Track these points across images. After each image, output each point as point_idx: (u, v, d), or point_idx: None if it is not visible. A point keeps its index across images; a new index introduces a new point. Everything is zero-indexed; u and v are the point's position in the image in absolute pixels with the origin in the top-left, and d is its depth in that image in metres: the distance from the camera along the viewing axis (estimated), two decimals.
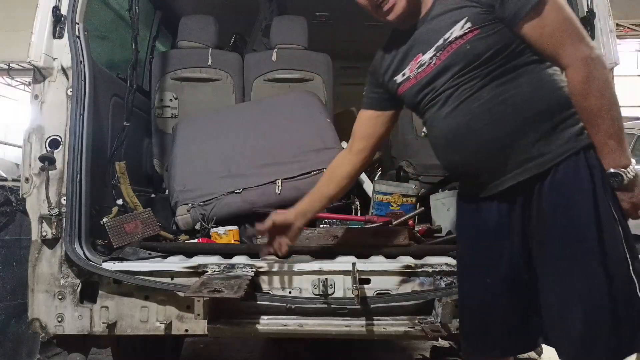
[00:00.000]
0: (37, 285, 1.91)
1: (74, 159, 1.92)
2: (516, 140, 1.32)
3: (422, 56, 1.41)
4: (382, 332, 1.79)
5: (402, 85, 1.49)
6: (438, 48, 1.37)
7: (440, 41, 1.36)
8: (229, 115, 2.75)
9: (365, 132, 1.70)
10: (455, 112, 1.37)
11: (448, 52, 1.35)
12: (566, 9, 1.31)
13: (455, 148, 1.41)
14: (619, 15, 8.96)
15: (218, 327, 1.79)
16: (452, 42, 1.34)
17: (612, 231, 1.27)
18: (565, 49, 1.28)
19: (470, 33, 1.32)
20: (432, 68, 1.39)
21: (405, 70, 1.47)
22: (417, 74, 1.43)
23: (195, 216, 2.37)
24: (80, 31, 2.01)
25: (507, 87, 1.32)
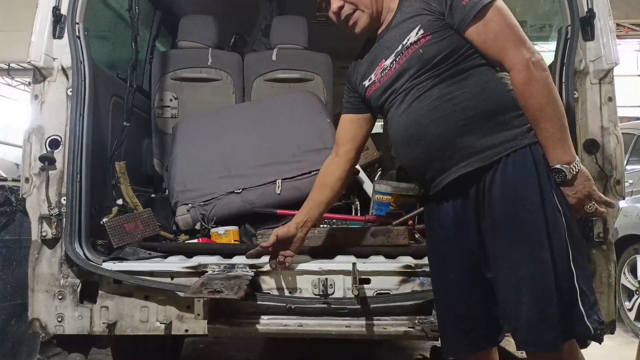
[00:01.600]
0: (37, 285, 1.92)
1: (74, 159, 1.92)
2: (460, 137, 1.41)
3: (385, 61, 1.53)
4: (382, 332, 1.79)
5: (369, 89, 1.60)
6: (397, 53, 1.49)
7: (399, 47, 1.48)
8: (229, 115, 2.75)
9: (347, 136, 1.78)
10: (408, 109, 1.48)
11: (405, 56, 1.47)
12: (508, 16, 1.40)
13: (407, 144, 1.51)
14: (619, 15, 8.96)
15: (218, 327, 1.79)
16: (408, 48, 1.46)
17: (555, 221, 1.33)
18: (508, 53, 1.38)
19: (423, 39, 1.43)
20: (393, 72, 1.50)
21: (371, 76, 1.58)
22: (380, 78, 1.55)
23: (195, 216, 2.37)
24: (80, 31, 2.01)
25: (456, 87, 1.42)
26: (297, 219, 1.82)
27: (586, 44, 1.97)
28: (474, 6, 1.39)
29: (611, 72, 1.97)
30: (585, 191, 1.37)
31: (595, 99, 1.97)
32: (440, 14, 1.43)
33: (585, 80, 1.97)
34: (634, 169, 4.82)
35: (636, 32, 11.32)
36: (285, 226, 1.80)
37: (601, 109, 1.97)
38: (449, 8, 1.42)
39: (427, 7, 1.45)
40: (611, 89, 1.97)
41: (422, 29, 1.44)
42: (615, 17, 2.05)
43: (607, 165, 1.92)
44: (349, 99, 1.76)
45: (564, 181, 1.36)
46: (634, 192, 4.63)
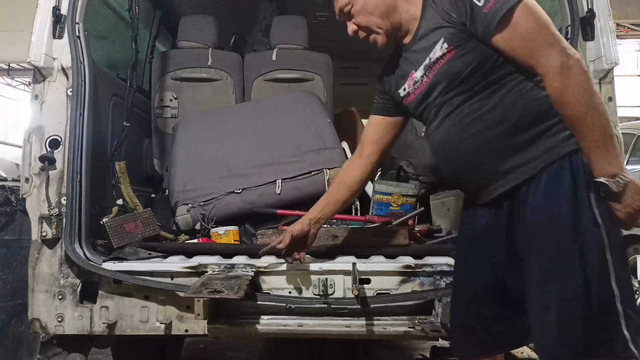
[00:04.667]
0: (37, 285, 1.91)
1: (74, 159, 1.92)
2: (495, 154, 1.35)
3: (415, 73, 1.48)
4: (382, 332, 1.79)
5: (405, 99, 1.56)
6: (426, 67, 1.43)
7: (427, 60, 1.42)
8: (229, 115, 2.75)
9: (374, 137, 1.73)
10: (441, 126, 1.44)
11: (433, 71, 1.41)
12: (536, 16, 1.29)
13: (443, 160, 1.49)
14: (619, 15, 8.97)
15: (218, 327, 1.79)
16: (435, 62, 1.40)
17: (592, 238, 1.25)
18: (539, 58, 1.27)
19: (448, 53, 1.37)
20: (424, 86, 1.46)
21: (405, 86, 1.54)
22: (414, 90, 1.50)
23: (195, 216, 2.37)
24: (80, 31, 2.01)
25: (487, 101, 1.35)
26: (310, 215, 1.80)
27: (586, 44, 1.98)
28: (495, 13, 1.28)
29: (611, 72, 1.97)
30: (635, 205, 1.25)
31: None
32: (462, 24, 1.35)
33: None
34: (634, 169, 4.83)
35: (636, 32, 11.33)
36: (298, 223, 1.79)
37: None
38: (470, 18, 1.33)
39: (447, 17, 1.37)
40: (611, 89, 1.98)
41: (446, 42, 1.37)
42: (615, 17, 2.05)
43: None
44: (380, 100, 1.71)
45: (609, 195, 1.25)
46: None
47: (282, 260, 1.92)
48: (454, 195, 2.64)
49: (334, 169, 2.43)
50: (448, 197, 2.64)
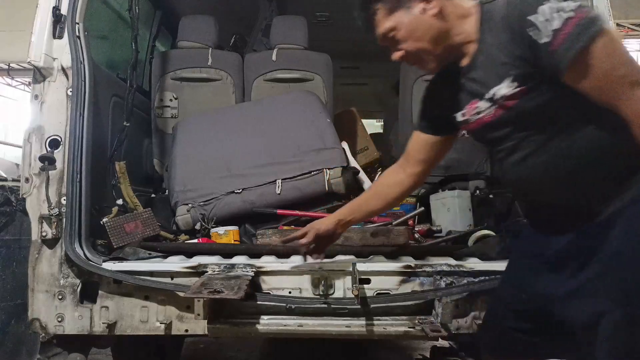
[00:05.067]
0: (37, 285, 1.91)
1: (74, 159, 1.92)
2: (584, 195, 1.26)
3: (477, 103, 1.34)
4: (382, 332, 1.79)
5: (464, 125, 1.45)
6: (490, 101, 1.30)
7: (491, 93, 1.29)
8: (229, 115, 2.75)
9: (421, 157, 1.63)
10: (523, 164, 1.32)
11: (502, 108, 1.28)
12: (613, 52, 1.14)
13: (523, 197, 1.43)
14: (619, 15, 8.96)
15: (218, 327, 1.79)
16: (504, 100, 1.26)
17: None
18: (620, 102, 1.13)
19: (520, 93, 1.23)
20: (490, 119, 1.33)
21: (463, 111, 1.41)
22: (476, 120, 1.37)
23: (195, 216, 2.37)
24: (80, 31, 2.01)
25: (570, 142, 1.23)
26: (340, 216, 1.76)
27: None
28: (564, 54, 1.12)
29: None
30: None
31: None
32: (527, 61, 1.20)
33: None
34: None
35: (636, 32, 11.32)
36: (325, 223, 1.75)
37: None
38: (534, 56, 1.18)
39: (509, 53, 1.23)
40: None
41: (516, 81, 1.23)
42: (615, 17, 2.05)
43: None
44: (430, 118, 1.58)
45: None
46: None
47: (282, 260, 1.92)
48: (454, 195, 2.64)
49: (334, 169, 2.43)
50: (448, 197, 2.64)
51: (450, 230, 2.43)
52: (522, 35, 1.18)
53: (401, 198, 1.74)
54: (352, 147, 3.07)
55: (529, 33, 1.16)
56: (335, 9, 3.90)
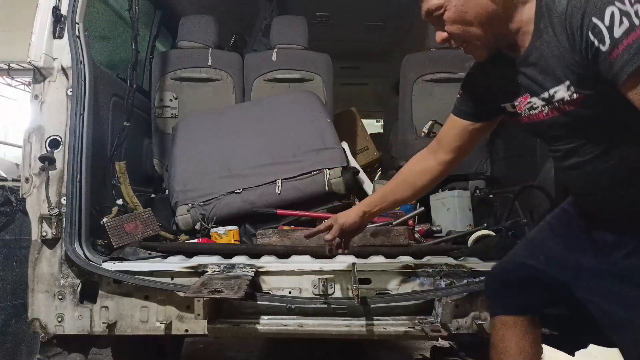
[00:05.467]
0: (37, 285, 1.91)
1: (74, 159, 1.92)
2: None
3: (530, 99, 1.28)
4: (382, 332, 1.79)
5: (513, 117, 1.39)
6: (546, 101, 1.24)
7: (547, 94, 1.23)
8: (228, 115, 2.75)
9: (455, 144, 1.55)
10: (579, 169, 1.28)
11: (559, 111, 1.22)
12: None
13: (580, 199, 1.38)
14: None
15: (218, 327, 1.79)
16: (561, 104, 1.21)
17: None
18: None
19: (578, 99, 1.17)
20: (545, 118, 1.27)
21: (514, 103, 1.34)
22: (529, 115, 1.31)
23: (195, 216, 2.37)
24: (80, 31, 2.01)
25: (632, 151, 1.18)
26: (365, 208, 1.69)
27: None
28: (623, 67, 1.05)
29: None
30: None
31: None
32: (584, 65, 1.13)
33: None
34: None
35: None
36: (350, 216, 1.69)
37: None
38: (592, 62, 1.11)
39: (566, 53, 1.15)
40: None
41: (573, 85, 1.16)
42: None
43: None
44: (473, 104, 1.49)
45: None
46: None
47: (282, 260, 1.92)
48: (454, 195, 2.64)
49: (334, 169, 2.43)
50: (448, 197, 2.64)
51: (450, 230, 2.43)
52: (583, 38, 1.10)
53: (430, 187, 1.66)
54: (352, 147, 3.07)
55: (590, 37, 1.08)
56: (335, 9, 3.90)
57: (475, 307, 1.84)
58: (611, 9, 1.04)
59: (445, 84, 2.90)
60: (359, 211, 1.70)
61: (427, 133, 2.91)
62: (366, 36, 4.38)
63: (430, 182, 1.64)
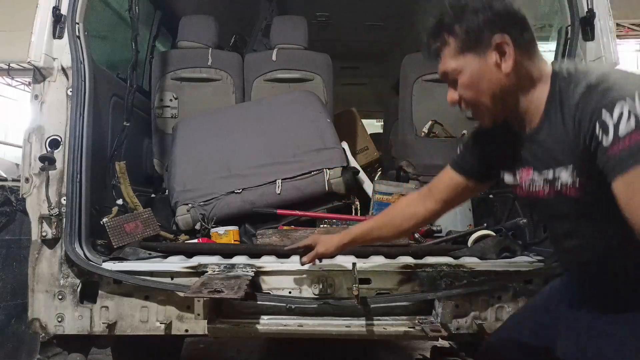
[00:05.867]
0: (37, 285, 1.91)
1: (74, 159, 1.92)
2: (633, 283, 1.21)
3: (532, 174, 1.29)
4: (382, 332, 1.79)
5: (513, 187, 1.39)
6: (548, 180, 1.24)
7: (550, 174, 1.23)
8: (229, 115, 2.75)
9: (446, 197, 1.56)
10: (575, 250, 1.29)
11: (560, 193, 1.22)
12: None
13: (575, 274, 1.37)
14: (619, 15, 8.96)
15: (218, 327, 1.79)
16: (563, 186, 1.20)
17: None
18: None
19: (580, 185, 1.17)
20: (545, 195, 1.27)
21: (515, 173, 1.35)
22: (528, 188, 1.32)
23: (195, 216, 2.37)
24: (80, 31, 2.01)
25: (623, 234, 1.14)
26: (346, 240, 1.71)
27: (586, 44, 1.98)
28: (616, 165, 1.05)
29: None
30: None
31: None
32: (587, 155, 1.13)
33: None
34: None
35: (636, 32, 11.33)
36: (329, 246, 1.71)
37: None
38: (592, 152, 1.11)
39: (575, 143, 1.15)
40: None
41: (576, 171, 1.17)
42: (615, 17, 2.05)
43: None
44: (469, 162, 1.50)
45: None
46: None
47: (282, 260, 1.92)
48: None
49: (334, 169, 2.43)
50: None
51: (450, 230, 2.43)
52: (589, 130, 1.10)
53: (413, 230, 1.71)
54: (352, 147, 3.07)
55: (596, 129, 1.08)
56: (335, 9, 3.90)
57: (475, 307, 1.85)
58: (621, 105, 1.04)
59: (445, 84, 2.89)
60: (340, 243, 1.71)
61: (427, 133, 2.91)
62: (366, 36, 4.38)
63: (415, 227, 1.68)
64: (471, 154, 1.49)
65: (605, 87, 1.09)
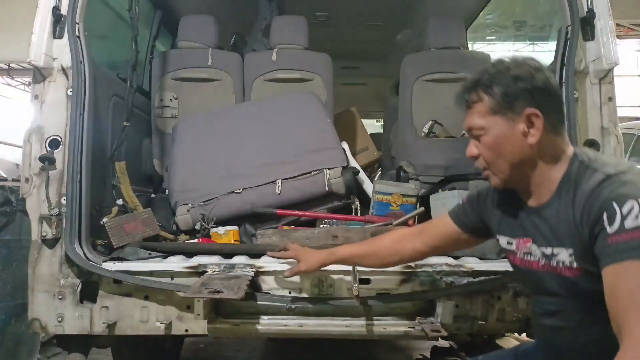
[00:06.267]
0: (37, 285, 1.91)
1: (74, 159, 1.92)
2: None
3: (530, 245, 1.31)
4: (382, 332, 1.79)
5: (507, 252, 1.41)
6: (546, 256, 1.26)
7: (549, 250, 1.25)
8: (228, 115, 2.75)
9: (437, 244, 1.57)
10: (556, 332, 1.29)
11: (555, 271, 1.24)
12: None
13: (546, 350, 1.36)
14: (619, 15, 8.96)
15: (218, 327, 1.79)
16: (560, 265, 1.22)
17: None
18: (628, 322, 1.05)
19: (577, 269, 1.19)
20: (539, 268, 1.29)
21: (512, 242, 1.37)
22: (523, 257, 1.34)
23: (195, 216, 2.37)
24: (80, 31, 2.01)
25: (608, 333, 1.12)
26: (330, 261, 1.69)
27: (586, 44, 1.98)
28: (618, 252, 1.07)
29: (611, 72, 1.98)
30: None
31: (595, 99, 1.97)
32: (589, 239, 1.14)
33: (585, 80, 1.98)
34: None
35: (636, 32, 11.33)
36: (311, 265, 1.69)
37: (601, 109, 1.97)
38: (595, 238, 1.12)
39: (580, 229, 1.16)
40: (611, 89, 1.98)
41: (575, 255, 1.18)
42: (615, 17, 2.05)
43: None
44: (469, 216, 1.50)
45: None
46: None
47: (282, 261, 1.92)
48: (454, 195, 2.64)
49: (334, 169, 2.43)
50: (448, 197, 2.64)
51: None
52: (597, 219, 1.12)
53: (396, 265, 1.71)
54: (352, 147, 3.07)
55: (603, 218, 1.10)
56: (335, 9, 3.90)
57: (475, 307, 1.85)
58: (632, 203, 1.07)
59: (445, 84, 2.90)
60: (322, 262, 1.69)
61: (427, 133, 2.91)
62: (366, 36, 4.38)
63: (399, 263, 1.69)
64: (473, 211, 1.50)
65: (621, 181, 1.11)
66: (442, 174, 2.83)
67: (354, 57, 4.80)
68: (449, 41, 2.99)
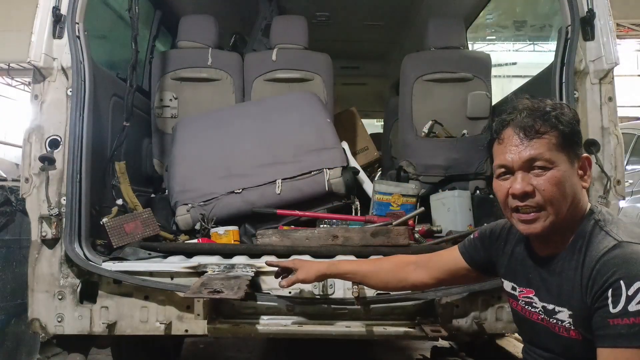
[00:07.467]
0: (37, 285, 1.91)
1: (74, 159, 1.92)
2: None
3: (533, 298, 1.30)
4: (382, 332, 1.79)
5: (510, 296, 1.41)
6: (546, 311, 1.25)
7: (550, 306, 1.24)
8: (228, 115, 2.75)
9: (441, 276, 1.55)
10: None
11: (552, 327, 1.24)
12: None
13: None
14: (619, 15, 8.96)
15: (218, 327, 1.79)
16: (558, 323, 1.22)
17: None
18: None
19: (574, 333, 1.19)
20: (537, 320, 1.29)
21: (517, 288, 1.36)
22: (524, 306, 1.33)
23: (195, 216, 2.37)
24: (80, 31, 2.01)
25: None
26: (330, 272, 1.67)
27: (586, 44, 1.98)
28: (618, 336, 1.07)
29: (611, 72, 1.98)
30: None
31: (595, 99, 1.97)
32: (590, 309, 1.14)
33: (585, 80, 1.98)
34: (634, 169, 4.83)
35: (636, 32, 11.34)
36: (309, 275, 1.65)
37: (601, 109, 1.97)
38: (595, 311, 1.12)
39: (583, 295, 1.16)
40: (611, 89, 1.98)
41: (573, 317, 1.18)
42: (615, 17, 2.05)
43: (607, 165, 1.92)
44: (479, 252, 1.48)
45: None
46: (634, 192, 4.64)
47: (282, 261, 1.91)
48: (454, 195, 2.64)
49: (334, 169, 2.43)
50: (448, 197, 2.64)
51: (450, 230, 2.43)
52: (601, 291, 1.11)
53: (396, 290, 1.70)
54: (352, 147, 3.07)
55: (608, 294, 1.09)
56: (335, 9, 3.90)
57: (475, 307, 1.85)
58: (638, 285, 1.06)
59: (445, 84, 2.91)
60: (321, 273, 1.66)
61: (427, 133, 2.92)
62: (366, 36, 4.38)
63: (401, 289, 1.68)
64: (484, 249, 1.47)
65: (630, 254, 1.10)
66: (442, 174, 2.84)
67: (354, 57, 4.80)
68: (449, 41, 2.98)
